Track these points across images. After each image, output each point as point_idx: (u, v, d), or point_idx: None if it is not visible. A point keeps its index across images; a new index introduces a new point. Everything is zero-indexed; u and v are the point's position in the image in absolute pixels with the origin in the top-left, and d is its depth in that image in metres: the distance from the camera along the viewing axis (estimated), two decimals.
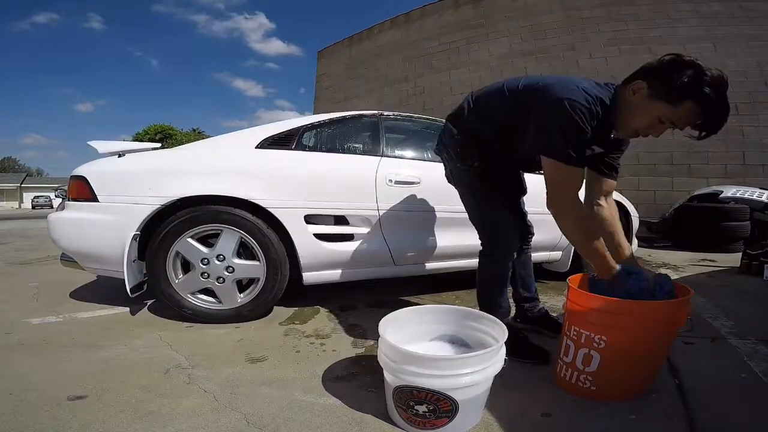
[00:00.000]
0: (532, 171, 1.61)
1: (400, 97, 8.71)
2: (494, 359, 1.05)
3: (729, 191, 4.82)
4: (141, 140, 22.33)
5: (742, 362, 1.50)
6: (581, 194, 1.30)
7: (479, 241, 1.57)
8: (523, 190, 1.72)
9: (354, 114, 2.32)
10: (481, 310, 1.45)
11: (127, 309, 2.08)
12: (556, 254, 2.72)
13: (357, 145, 2.22)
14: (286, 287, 1.93)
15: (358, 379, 1.34)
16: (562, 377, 1.28)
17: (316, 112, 9.68)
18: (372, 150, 2.19)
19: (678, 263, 3.70)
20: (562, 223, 1.28)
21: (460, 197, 1.62)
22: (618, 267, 1.28)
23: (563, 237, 2.71)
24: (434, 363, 1.01)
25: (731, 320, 1.97)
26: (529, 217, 1.74)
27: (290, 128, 2.10)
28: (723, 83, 1.06)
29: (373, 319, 1.95)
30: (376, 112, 2.38)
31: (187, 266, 1.87)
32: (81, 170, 1.92)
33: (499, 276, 1.54)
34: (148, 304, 2.15)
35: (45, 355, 1.51)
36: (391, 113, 2.44)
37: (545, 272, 2.90)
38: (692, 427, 1.08)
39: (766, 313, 2.14)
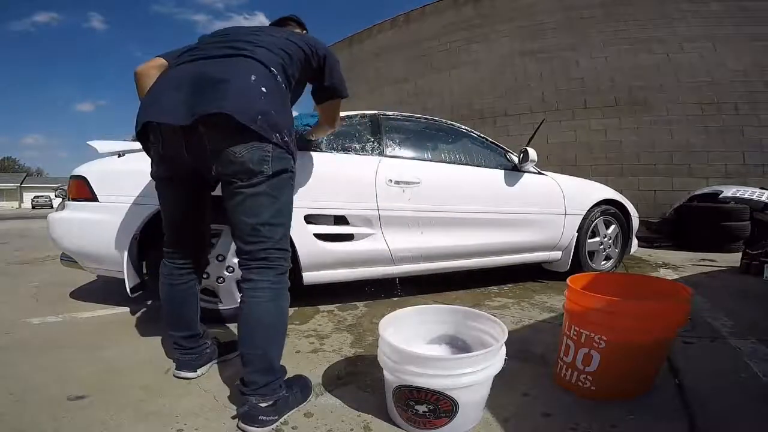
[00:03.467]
0: None
1: (400, 96, 8.69)
2: (494, 359, 1.05)
3: (729, 191, 4.81)
4: None
5: (742, 362, 1.50)
6: None
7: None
8: None
9: (354, 114, 2.32)
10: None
11: (127, 309, 2.08)
12: (556, 254, 2.72)
13: (357, 145, 2.22)
14: None
15: (358, 379, 1.34)
16: (562, 377, 1.28)
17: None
18: (372, 150, 2.19)
19: (678, 263, 3.70)
20: None
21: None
22: None
23: (563, 237, 2.76)
24: (434, 363, 1.01)
25: (731, 320, 1.96)
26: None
27: None
28: None
29: (372, 319, 1.96)
30: (376, 112, 2.38)
31: None
32: (81, 170, 1.92)
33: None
34: (148, 304, 2.15)
35: (45, 355, 1.51)
36: (391, 113, 2.43)
37: (545, 272, 2.90)
38: (692, 427, 1.08)
39: (766, 313, 2.14)
